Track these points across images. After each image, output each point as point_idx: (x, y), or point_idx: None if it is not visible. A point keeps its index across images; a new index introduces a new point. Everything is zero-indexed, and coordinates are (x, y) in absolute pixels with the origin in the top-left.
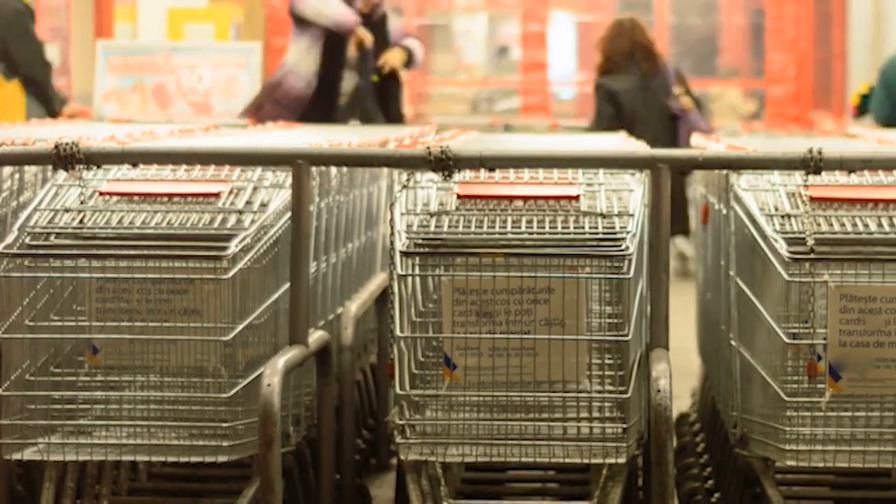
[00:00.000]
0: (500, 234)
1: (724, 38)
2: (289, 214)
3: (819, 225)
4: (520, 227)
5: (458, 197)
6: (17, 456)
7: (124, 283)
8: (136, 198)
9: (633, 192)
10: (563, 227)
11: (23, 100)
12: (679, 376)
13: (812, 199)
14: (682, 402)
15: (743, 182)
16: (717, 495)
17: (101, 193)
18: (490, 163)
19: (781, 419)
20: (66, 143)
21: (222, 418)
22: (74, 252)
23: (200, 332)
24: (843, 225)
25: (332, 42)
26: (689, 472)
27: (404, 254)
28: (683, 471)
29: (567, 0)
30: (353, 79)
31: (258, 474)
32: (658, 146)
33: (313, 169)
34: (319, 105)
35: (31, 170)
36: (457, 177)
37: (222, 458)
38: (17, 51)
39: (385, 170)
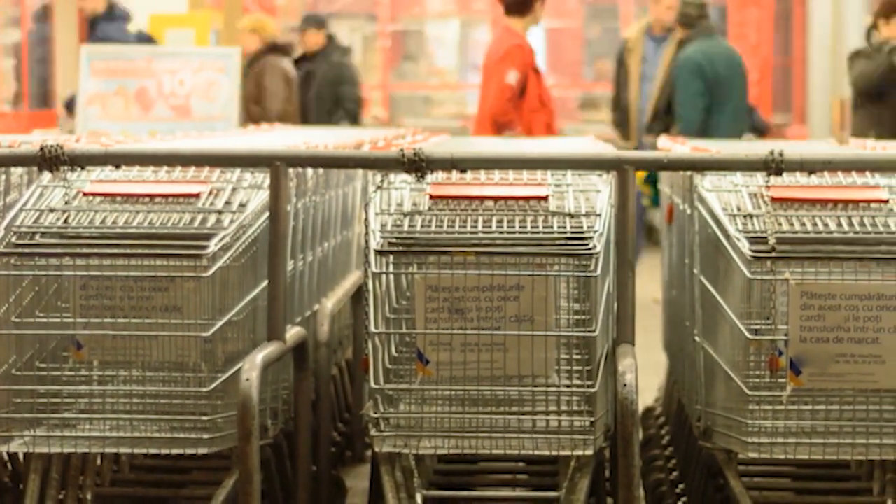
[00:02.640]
0: (471, 233)
1: None
2: (267, 214)
3: (780, 224)
4: (490, 227)
5: (431, 197)
6: (3, 448)
7: (107, 281)
8: (118, 198)
9: (599, 192)
10: (532, 227)
11: None
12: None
13: (773, 199)
14: (648, 394)
15: (707, 183)
16: (681, 486)
17: (84, 194)
18: (462, 164)
19: (744, 412)
20: (51, 146)
21: (202, 412)
22: (59, 251)
23: (181, 328)
24: (803, 224)
25: None
26: (654, 464)
27: (379, 252)
28: (649, 462)
29: None
30: None
31: (237, 466)
32: None
33: (290, 170)
34: None
35: (17, 171)
36: (429, 178)
37: (202, 451)
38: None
39: (360, 171)
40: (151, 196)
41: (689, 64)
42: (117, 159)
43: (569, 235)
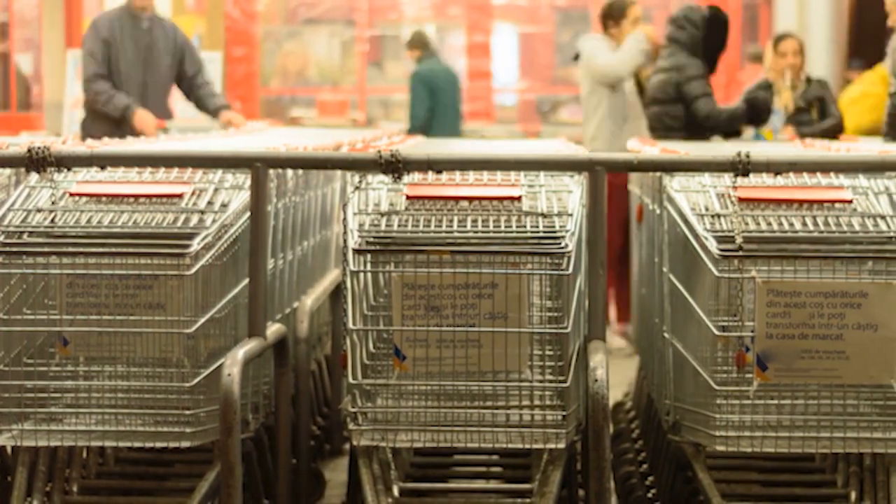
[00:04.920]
0: (446, 232)
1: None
2: (248, 214)
3: (747, 224)
4: (465, 226)
5: (408, 198)
6: None
7: (93, 279)
8: (104, 198)
9: (571, 192)
10: (506, 226)
11: None
12: None
13: (740, 199)
14: (619, 389)
15: (675, 184)
16: (650, 479)
17: (71, 194)
18: (437, 165)
19: (712, 407)
20: (39, 147)
21: (185, 406)
22: (46, 250)
23: (165, 324)
24: (769, 224)
25: None
26: (624, 457)
27: (357, 251)
28: (619, 455)
29: (510, 13)
30: None
31: (219, 459)
32: None
33: (271, 171)
34: None
35: (4, 172)
36: (406, 179)
37: (185, 444)
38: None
39: (339, 172)
40: (136, 196)
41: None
42: (102, 161)
43: (541, 235)
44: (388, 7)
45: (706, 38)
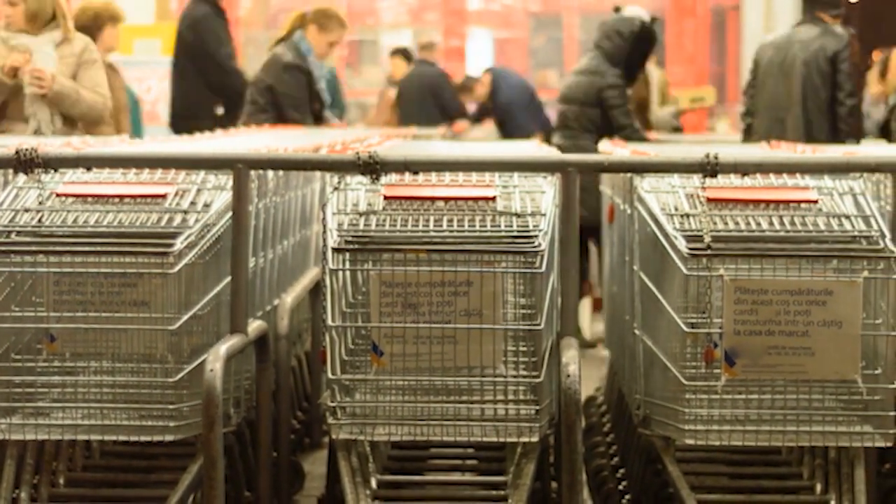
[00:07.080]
0: (423, 231)
1: None
2: (230, 214)
3: (715, 223)
4: (441, 226)
5: (385, 198)
6: None
7: (79, 277)
8: (90, 199)
9: (544, 193)
10: (481, 226)
11: None
12: None
13: (709, 199)
14: (590, 384)
15: (646, 184)
16: (621, 471)
17: (57, 195)
18: (414, 167)
19: (681, 401)
20: (26, 149)
21: (169, 401)
22: (33, 249)
23: (149, 321)
24: (737, 223)
25: None
26: (596, 450)
27: (336, 250)
28: (591, 449)
29: (485, 18)
30: None
31: (202, 452)
32: None
33: (252, 172)
34: None
35: None
36: (384, 179)
37: (169, 438)
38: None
39: (318, 173)
40: (121, 197)
41: None
42: (89, 162)
43: (515, 234)
44: (366, 12)
45: (630, 52)
